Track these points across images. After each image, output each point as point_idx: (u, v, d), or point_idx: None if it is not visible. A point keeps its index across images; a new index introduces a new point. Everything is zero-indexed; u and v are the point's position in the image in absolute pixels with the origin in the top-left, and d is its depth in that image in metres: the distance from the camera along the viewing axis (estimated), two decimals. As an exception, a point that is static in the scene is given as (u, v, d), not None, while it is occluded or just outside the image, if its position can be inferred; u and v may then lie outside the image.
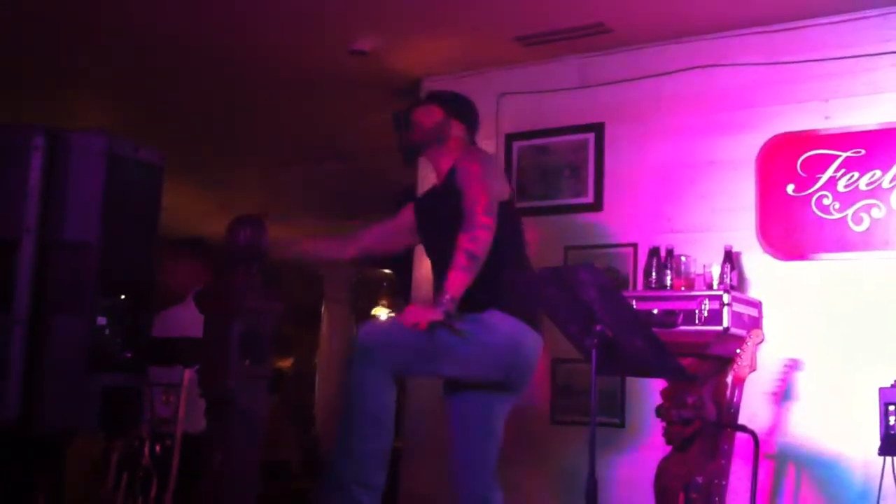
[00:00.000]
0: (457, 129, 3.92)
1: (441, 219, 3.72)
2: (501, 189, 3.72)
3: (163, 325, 5.30)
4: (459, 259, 3.44)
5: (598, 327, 3.14)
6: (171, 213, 3.88)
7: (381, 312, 9.60)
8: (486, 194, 3.57)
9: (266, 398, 4.61)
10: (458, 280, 3.43)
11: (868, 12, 4.59)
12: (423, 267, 4.99)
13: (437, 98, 4.07)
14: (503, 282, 3.59)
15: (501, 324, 3.60)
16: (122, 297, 2.55)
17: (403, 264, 5.72)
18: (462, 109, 3.99)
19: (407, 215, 4.07)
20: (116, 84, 6.22)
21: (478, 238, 3.47)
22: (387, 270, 7.44)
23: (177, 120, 6.68)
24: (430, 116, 3.94)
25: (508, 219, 3.69)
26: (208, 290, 4.88)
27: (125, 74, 6.01)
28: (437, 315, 3.39)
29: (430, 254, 3.96)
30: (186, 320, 5.11)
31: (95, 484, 4.60)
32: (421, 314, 3.44)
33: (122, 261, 2.47)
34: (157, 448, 4.60)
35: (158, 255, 2.77)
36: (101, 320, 2.46)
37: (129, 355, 2.65)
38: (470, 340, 3.54)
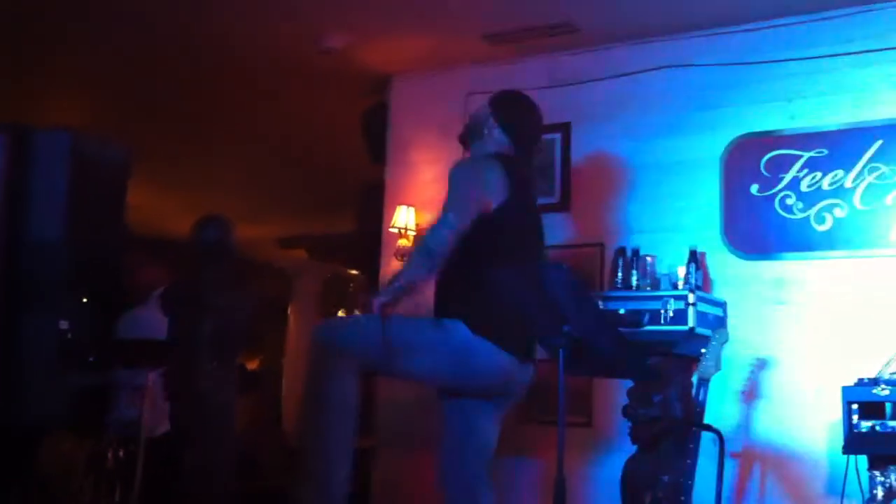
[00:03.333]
0: (494, 131, 3.79)
1: None
2: (481, 199, 3.57)
3: (126, 326, 5.27)
4: (412, 248, 3.45)
5: (566, 327, 3.13)
6: (137, 212, 3.84)
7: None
8: (458, 197, 3.55)
9: (235, 396, 4.58)
10: (404, 269, 3.49)
11: (829, 13, 4.62)
12: (391, 268, 4.97)
13: (493, 96, 3.91)
14: (477, 298, 3.47)
15: (456, 334, 3.52)
16: (85, 300, 2.53)
17: (371, 265, 5.69)
18: (504, 110, 3.82)
19: None
20: (84, 78, 6.14)
21: (436, 234, 3.47)
22: (355, 272, 7.39)
23: (145, 117, 6.60)
24: (475, 110, 3.90)
25: (492, 233, 3.55)
26: (173, 289, 4.86)
27: (94, 69, 5.94)
28: (377, 300, 3.43)
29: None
30: (149, 322, 5.08)
31: (66, 485, 4.56)
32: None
33: (89, 259, 2.44)
34: (122, 452, 4.57)
35: (125, 253, 2.75)
36: (64, 323, 2.43)
37: (92, 359, 2.62)
38: (423, 340, 3.56)
